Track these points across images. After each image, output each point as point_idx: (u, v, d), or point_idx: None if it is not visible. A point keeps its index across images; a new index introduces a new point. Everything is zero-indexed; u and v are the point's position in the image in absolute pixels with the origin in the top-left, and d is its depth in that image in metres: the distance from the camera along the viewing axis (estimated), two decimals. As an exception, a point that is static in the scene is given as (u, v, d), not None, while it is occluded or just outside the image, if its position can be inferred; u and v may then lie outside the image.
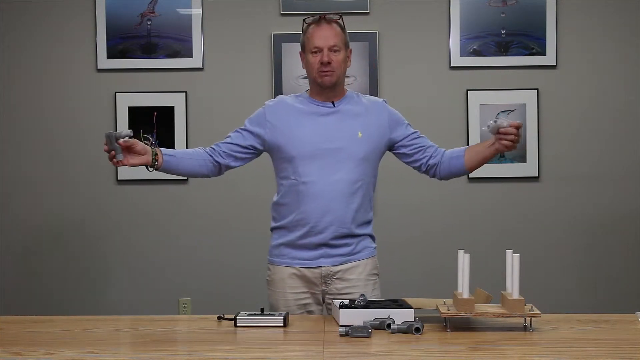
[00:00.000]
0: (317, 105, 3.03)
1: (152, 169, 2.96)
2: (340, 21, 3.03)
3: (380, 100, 3.16)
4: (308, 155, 2.97)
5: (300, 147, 2.97)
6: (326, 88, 3.01)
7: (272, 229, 3.11)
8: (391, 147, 3.10)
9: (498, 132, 2.90)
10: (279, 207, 3.06)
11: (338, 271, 3.02)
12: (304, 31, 3.05)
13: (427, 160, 3.10)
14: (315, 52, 2.98)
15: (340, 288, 3.02)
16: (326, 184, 2.96)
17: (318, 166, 2.97)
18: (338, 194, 2.97)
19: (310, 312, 3.02)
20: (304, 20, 3.08)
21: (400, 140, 3.08)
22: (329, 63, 2.96)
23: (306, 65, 3.05)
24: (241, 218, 4.78)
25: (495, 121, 2.89)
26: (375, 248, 3.12)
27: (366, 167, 3.02)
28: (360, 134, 2.99)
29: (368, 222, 3.07)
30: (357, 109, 3.04)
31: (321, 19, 3.01)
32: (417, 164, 3.12)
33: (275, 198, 3.09)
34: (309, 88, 3.12)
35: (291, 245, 3.02)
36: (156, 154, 2.96)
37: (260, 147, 3.09)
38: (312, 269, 3.02)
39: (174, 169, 3.03)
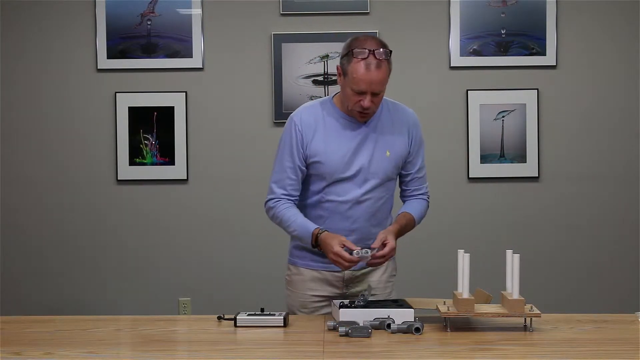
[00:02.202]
0: (348, 122, 2.93)
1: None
2: (389, 55, 2.81)
3: (412, 114, 3.04)
4: (338, 174, 2.91)
5: (331, 167, 2.91)
6: None
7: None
8: None
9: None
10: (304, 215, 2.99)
11: (360, 274, 3.02)
12: (349, 59, 2.80)
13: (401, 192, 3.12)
14: (358, 93, 2.81)
15: (362, 291, 3.00)
16: (354, 204, 2.94)
17: (347, 186, 2.93)
18: (364, 212, 2.96)
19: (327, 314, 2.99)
20: (351, 47, 2.80)
21: (404, 167, 3.05)
22: (369, 107, 2.84)
23: (344, 91, 2.87)
24: (241, 218, 4.78)
25: (359, 254, 2.82)
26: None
27: (391, 182, 3.01)
28: (388, 153, 2.94)
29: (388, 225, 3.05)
30: (386, 124, 2.96)
31: (370, 54, 2.76)
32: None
33: (297, 202, 3.01)
34: (334, 94, 2.99)
35: (314, 250, 2.96)
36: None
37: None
38: (334, 273, 2.99)
39: None
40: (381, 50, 2.78)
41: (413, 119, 3.03)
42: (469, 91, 4.74)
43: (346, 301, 2.76)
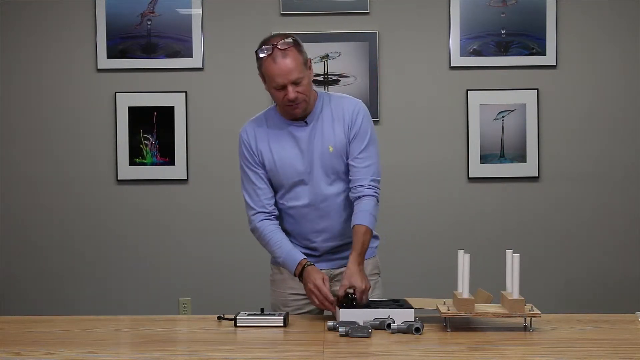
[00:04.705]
0: (292, 126, 2.94)
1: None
2: (295, 43, 2.82)
3: (355, 103, 2.98)
4: (290, 180, 2.94)
5: (282, 174, 2.94)
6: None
7: None
8: None
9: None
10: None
11: (339, 273, 3.02)
12: (260, 62, 2.84)
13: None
14: (279, 89, 2.82)
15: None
16: (313, 205, 2.95)
17: (301, 190, 2.95)
18: (325, 211, 2.96)
19: (309, 313, 3.02)
20: (256, 52, 2.86)
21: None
22: (296, 97, 2.83)
23: (271, 95, 2.89)
24: (241, 218, 4.74)
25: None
26: (376, 247, 3.11)
27: (344, 176, 2.98)
28: (331, 148, 2.92)
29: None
30: (326, 120, 2.95)
31: (274, 48, 2.79)
32: None
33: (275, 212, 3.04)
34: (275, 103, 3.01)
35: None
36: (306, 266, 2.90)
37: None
38: None
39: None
40: (284, 40, 2.80)
41: (355, 107, 2.96)
42: (469, 91, 4.74)
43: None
